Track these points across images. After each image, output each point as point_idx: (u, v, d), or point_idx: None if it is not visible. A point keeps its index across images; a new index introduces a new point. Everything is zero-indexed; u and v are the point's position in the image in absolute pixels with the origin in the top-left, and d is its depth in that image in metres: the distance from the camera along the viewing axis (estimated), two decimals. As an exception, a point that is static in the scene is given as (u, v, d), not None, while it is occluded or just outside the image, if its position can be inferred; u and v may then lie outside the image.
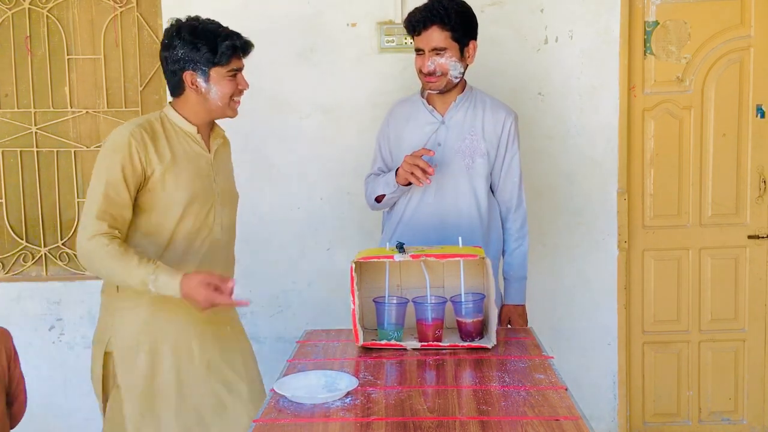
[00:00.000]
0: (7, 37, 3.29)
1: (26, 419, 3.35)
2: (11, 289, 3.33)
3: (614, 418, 3.32)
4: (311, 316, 3.25)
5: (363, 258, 2.11)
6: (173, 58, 2.05)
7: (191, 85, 2.07)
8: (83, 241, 1.99)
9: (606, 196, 3.23)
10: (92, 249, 1.98)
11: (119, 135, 2.02)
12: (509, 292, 2.55)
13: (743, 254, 3.31)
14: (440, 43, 2.35)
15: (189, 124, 2.13)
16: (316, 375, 1.86)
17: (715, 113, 3.24)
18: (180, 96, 2.12)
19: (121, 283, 2.02)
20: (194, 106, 2.11)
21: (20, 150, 3.34)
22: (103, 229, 1.98)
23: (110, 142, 2.03)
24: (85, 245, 1.99)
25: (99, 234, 1.97)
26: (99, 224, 1.98)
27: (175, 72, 2.07)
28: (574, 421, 1.56)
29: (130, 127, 2.04)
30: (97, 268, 2.01)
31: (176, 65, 2.06)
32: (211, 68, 2.06)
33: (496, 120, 2.46)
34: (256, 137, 3.21)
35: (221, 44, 2.04)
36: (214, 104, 2.11)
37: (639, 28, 3.19)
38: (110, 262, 1.97)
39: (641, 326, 3.34)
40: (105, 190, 1.99)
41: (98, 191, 2.00)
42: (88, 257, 2.00)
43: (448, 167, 2.44)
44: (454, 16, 2.33)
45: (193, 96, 2.09)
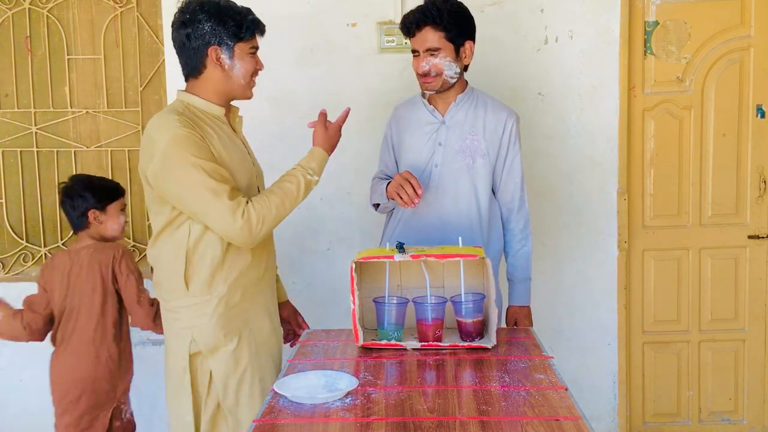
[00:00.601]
0: (7, 37, 3.29)
1: (26, 419, 3.36)
2: (11, 289, 3.32)
3: (614, 418, 3.32)
4: (311, 316, 3.25)
5: (363, 258, 2.11)
6: (197, 33, 1.98)
7: (215, 62, 2.01)
8: (237, 227, 1.93)
9: (606, 196, 3.23)
10: (253, 223, 1.94)
11: (172, 129, 1.93)
12: (514, 294, 2.55)
13: (743, 254, 3.31)
14: (434, 44, 2.36)
15: (216, 106, 2.06)
16: (316, 375, 1.86)
17: (715, 113, 3.24)
18: (199, 76, 2.04)
19: (296, 205, 2.07)
20: (216, 85, 2.05)
21: (20, 150, 3.34)
22: (236, 202, 1.93)
23: (167, 139, 1.92)
24: (244, 228, 1.94)
25: (239, 208, 1.93)
26: (233, 203, 1.93)
27: (199, 48, 2.00)
28: (574, 421, 1.56)
29: (170, 119, 1.95)
30: (271, 226, 2.00)
31: (200, 40, 1.99)
32: (236, 44, 2.02)
33: (498, 120, 2.46)
34: (256, 137, 3.20)
35: (246, 18, 2.03)
36: (237, 82, 2.05)
37: (639, 28, 3.19)
38: (278, 210, 1.99)
39: (641, 326, 3.35)
40: (207, 172, 1.91)
41: (201, 179, 1.91)
42: (256, 231, 1.96)
43: (448, 167, 2.45)
44: (447, 17, 2.34)
45: (216, 74, 2.03)
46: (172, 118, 1.95)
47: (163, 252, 2.05)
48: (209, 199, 1.92)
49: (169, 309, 2.09)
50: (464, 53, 2.41)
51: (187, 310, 2.05)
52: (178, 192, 1.94)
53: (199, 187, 1.91)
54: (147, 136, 1.98)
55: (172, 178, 1.94)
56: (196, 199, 1.93)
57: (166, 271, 2.06)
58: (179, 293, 2.04)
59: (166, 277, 2.06)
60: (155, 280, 2.12)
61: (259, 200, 1.98)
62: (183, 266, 2.02)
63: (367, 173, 3.21)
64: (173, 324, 2.08)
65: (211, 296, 2.04)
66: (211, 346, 2.05)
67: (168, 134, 1.92)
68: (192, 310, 2.04)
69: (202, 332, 2.04)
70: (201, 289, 2.03)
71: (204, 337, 2.04)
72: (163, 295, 2.09)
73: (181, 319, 2.06)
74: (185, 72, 2.07)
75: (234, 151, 2.06)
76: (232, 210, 1.92)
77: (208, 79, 2.04)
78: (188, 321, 2.05)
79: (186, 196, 1.94)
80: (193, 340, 2.04)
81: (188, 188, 1.93)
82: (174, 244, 2.02)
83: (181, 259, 2.01)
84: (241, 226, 1.92)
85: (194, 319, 2.04)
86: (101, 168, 3.35)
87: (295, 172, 2.08)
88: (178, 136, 1.92)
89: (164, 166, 1.93)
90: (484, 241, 2.48)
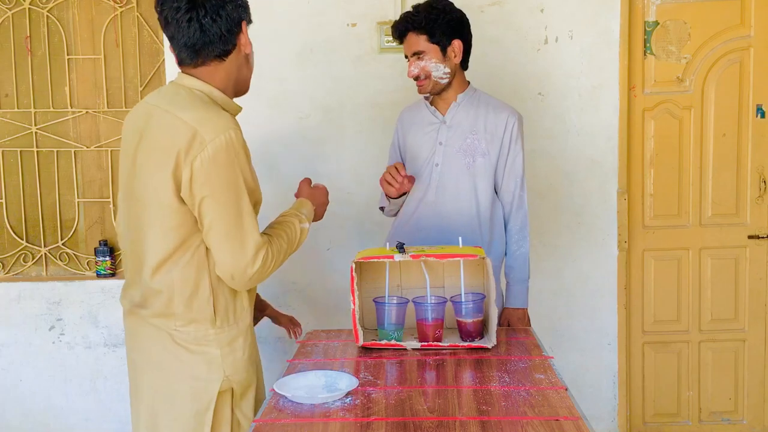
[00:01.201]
0: (7, 37, 3.29)
1: (26, 419, 3.37)
2: (11, 289, 3.33)
3: (614, 418, 3.32)
4: (311, 316, 3.26)
5: (363, 258, 2.11)
6: (232, 6, 1.71)
7: (246, 40, 1.75)
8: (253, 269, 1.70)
9: (606, 196, 3.23)
10: (266, 268, 1.74)
11: (228, 132, 1.66)
12: (508, 295, 2.54)
13: (743, 254, 3.31)
14: (418, 47, 2.39)
15: (234, 103, 1.81)
16: (316, 375, 1.86)
17: (715, 113, 3.24)
18: (225, 58, 1.74)
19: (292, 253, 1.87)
20: (236, 70, 1.78)
21: (20, 150, 3.34)
22: (263, 240, 1.73)
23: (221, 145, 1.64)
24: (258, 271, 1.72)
25: (262, 248, 1.72)
26: (260, 239, 1.71)
27: (234, 23, 1.71)
28: (574, 421, 1.56)
29: (222, 115, 1.69)
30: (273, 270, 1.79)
31: (236, 13, 1.72)
32: (249, 23, 1.80)
33: (499, 120, 2.46)
34: (256, 137, 3.20)
35: None
36: (251, 67, 1.84)
37: (639, 28, 3.19)
38: (282, 257, 1.80)
39: (641, 326, 3.35)
40: (249, 193, 1.71)
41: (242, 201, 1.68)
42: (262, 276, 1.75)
43: (448, 166, 2.45)
44: (425, 21, 2.36)
45: (240, 57, 1.78)
46: (224, 114, 1.69)
47: (177, 277, 1.73)
48: (240, 227, 1.68)
49: (186, 342, 1.77)
50: (452, 53, 2.41)
51: (215, 343, 1.78)
52: (211, 207, 1.66)
53: (235, 209, 1.67)
54: (188, 130, 1.65)
55: (210, 189, 1.65)
56: (227, 223, 1.66)
57: (183, 300, 1.75)
58: (205, 324, 1.77)
59: (183, 306, 1.75)
60: (156, 308, 1.78)
61: (275, 243, 1.77)
62: (209, 293, 1.75)
63: (367, 173, 3.23)
64: (189, 357, 1.78)
65: (238, 326, 1.83)
66: (245, 384, 1.86)
67: (224, 136, 1.64)
68: (221, 343, 1.79)
69: (237, 368, 1.82)
70: (228, 318, 1.80)
71: (238, 374, 1.82)
72: (178, 326, 1.77)
73: (207, 353, 1.78)
74: (205, 54, 1.72)
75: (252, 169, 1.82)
76: (257, 248, 1.69)
77: (232, 62, 1.76)
78: (218, 356, 1.78)
79: (217, 214, 1.66)
80: (226, 377, 1.79)
81: (225, 206, 1.66)
82: (194, 267, 1.73)
83: (206, 284, 1.74)
84: (257, 269, 1.70)
85: (226, 353, 1.79)
86: (101, 168, 3.35)
87: (291, 219, 1.88)
88: (233, 140, 1.65)
89: (208, 173, 1.63)
90: (485, 240, 2.48)
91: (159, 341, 1.79)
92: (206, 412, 1.79)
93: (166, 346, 1.78)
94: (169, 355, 1.79)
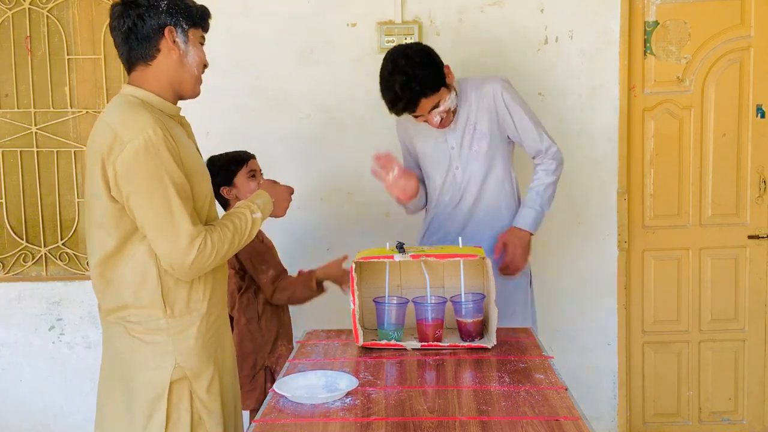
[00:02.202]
0: (7, 37, 3.29)
1: (26, 419, 3.37)
2: (11, 289, 3.33)
3: (614, 418, 3.32)
4: (311, 316, 3.25)
5: (363, 258, 2.11)
6: (153, 12, 1.81)
7: (171, 44, 1.82)
8: (189, 258, 1.75)
9: (606, 196, 3.23)
10: (206, 256, 1.77)
11: (146, 131, 1.72)
12: (518, 215, 2.56)
13: (743, 254, 3.31)
14: (432, 103, 2.44)
15: (171, 104, 1.88)
16: (316, 375, 1.86)
17: (715, 113, 3.24)
18: (150, 62, 1.83)
19: (241, 246, 1.90)
20: (169, 75, 1.85)
21: (20, 150, 3.34)
22: (197, 230, 1.76)
23: (140, 144, 1.71)
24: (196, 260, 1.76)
25: (197, 237, 1.76)
26: (194, 229, 1.75)
27: (153, 29, 1.81)
28: (574, 421, 1.56)
29: (142, 116, 1.75)
30: (218, 262, 1.83)
31: (156, 20, 1.81)
32: (190, 29, 1.86)
33: (484, 95, 2.54)
34: (256, 137, 3.21)
35: (198, 5, 1.90)
36: (189, 72, 1.87)
37: (639, 28, 3.19)
38: (230, 246, 1.83)
39: (641, 326, 3.34)
40: (176, 188, 1.74)
41: (168, 195, 1.73)
42: (204, 265, 1.79)
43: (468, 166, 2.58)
44: (428, 83, 2.38)
45: (169, 60, 1.84)
46: (144, 116, 1.75)
47: (125, 271, 1.81)
48: (170, 219, 1.74)
49: (139, 333, 1.83)
50: (449, 78, 2.49)
51: (166, 332, 1.82)
52: (138, 203, 1.74)
53: (163, 203, 1.73)
54: (110, 133, 1.74)
55: (134, 186, 1.73)
56: (156, 216, 1.74)
57: (132, 293, 1.81)
58: (155, 314, 1.82)
59: (133, 299, 1.81)
60: (110, 304, 1.85)
61: (216, 231, 1.82)
62: (157, 284, 1.80)
63: (367, 173, 3.21)
64: (142, 348, 1.83)
65: (191, 315, 1.85)
66: (197, 371, 1.85)
67: (143, 135, 1.72)
68: (172, 332, 1.83)
69: (188, 356, 1.84)
70: (180, 308, 1.84)
71: (189, 361, 1.84)
72: (130, 318, 1.83)
73: (158, 342, 1.82)
74: (132, 60, 1.85)
75: (196, 157, 1.88)
76: (191, 237, 1.74)
77: (159, 66, 1.84)
78: (169, 344, 1.82)
79: (145, 209, 1.74)
80: (177, 365, 1.82)
81: (151, 201, 1.73)
82: (140, 260, 1.79)
83: (153, 276, 1.80)
84: (194, 258, 1.75)
85: (177, 342, 1.83)
86: (101, 168, 3.35)
87: (242, 210, 1.92)
88: (152, 138, 1.72)
89: (128, 171, 1.72)
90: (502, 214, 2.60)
91: (116, 335, 1.86)
92: (160, 400, 1.82)
93: (123, 338, 1.85)
94: (125, 348, 1.85)
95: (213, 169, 2.50)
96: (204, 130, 3.22)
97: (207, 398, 1.87)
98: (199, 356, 1.86)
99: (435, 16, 3.16)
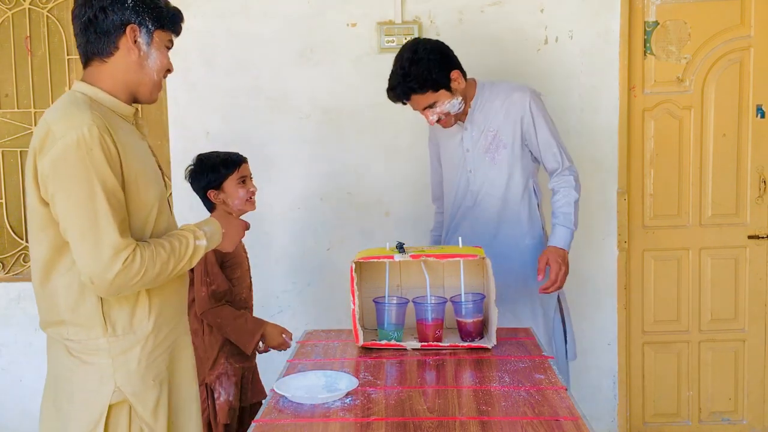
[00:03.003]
0: (7, 37, 3.29)
1: (26, 419, 3.37)
2: (11, 289, 3.33)
3: (614, 418, 3.32)
4: (311, 316, 3.26)
5: (363, 258, 2.11)
6: (117, 7, 1.70)
7: (132, 44, 1.71)
8: (111, 273, 1.58)
9: (606, 196, 3.23)
10: (131, 274, 1.60)
11: (81, 129, 1.59)
12: (552, 235, 2.56)
13: (743, 254, 3.31)
14: (427, 102, 2.46)
15: (124, 104, 1.75)
16: (316, 375, 1.86)
17: (715, 113, 3.24)
18: (106, 59, 1.72)
19: (177, 272, 1.72)
20: (125, 74, 1.73)
21: (20, 150, 3.34)
22: (126, 243, 1.60)
23: (71, 142, 1.58)
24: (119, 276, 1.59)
25: (123, 251, 1.59)
26: (121, 242, 1.59)
27: (114, 24, 1.70)
28: (574, 421, 1.56)
29: (80, 114, 1.62)
30: (144, 284, 1.65)
31: (118, 15, 1.69)
32: (156, 30, 1.75)
33: (512, 103, 2.54)
34: (256, 137, 3.21)
35: (170, 7, 1.80)
36: (148, 75, 1.76)
37: (639, 28, 3.19)
38: (161, 269, 1.66)
39: (641, 326, 3.34)
40: (106, 193, 1.59)
41: (95, 199, 1.58)
42: (128, 284, 1.62)
43: (478, 169, 2.58)
44: (423, 80, 2.40)
45: (128, 60, 1.72)
46: (83, 113, 1.62)
47: (60, 283, 1.67)
48: (95, 227, 1.58)
49: (79, 352, 1.68)
50: (455, 83, 2.47)
51: (106, 352, 1.68)
52: (62, 205, 1.60)
53: (88, 207, 1.58)
54: (45, 128, 1.63)
55: (60, 187, 1.60)
56: (79, 220, 1.58)
57: (69, 309, 1.67)
58: (95, 333, 1.67)
59: (70, 315, 1.67)
60: (48, 318, 1.71)
61: (149, 249, 1.64)
62: (96, 300, 1.66)
63: (367, 174, 3.23)
64: (81, 368, 1.68)
65: (135, 334, 1.70)
66: (139, 393, 1.70)
67: (74, 132, 1.58)
68: (114, 352, 1.68)
69: (130, 378, 1.69)
70: (123, 327, 1.69)
71: (131, 384, 1.69)
72: (69, 335, 1.68)
73: (97, 363, 1.68)
74: (88, 53, 1.73)
75: (147, 161, 1.74)
76: (117, 250, 1.58)
77: (116, 64, 1.72)
78: (109, 366, 1.68)
79: (69, 214, 1.59)
80: (117, 388, 1.67)
81: (75, 204, 1.58)
82: (76, 274, 1.65)
83: (91, 292, 1.65)
84: (116, 273, 1.58)
85: (118, 364, 1.68)
86: (101, 168, 3.35)
87: (184, 233, 1.75)
88: (85, 137, 1.58)
89: (56, 170, 1.59)
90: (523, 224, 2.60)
91: (57, 352, 1.73)
92: (97, 425, 1.67)
93: (62, 357, 1.72)
94: (64, 367, 1.72)
95: (201, 168, 2.43)
96: (204, 130, 3.23)
97: (152, 421, 1.71)
98: (142, 379, 1.70)
99: (435, 16, 3.16)
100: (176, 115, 3.24)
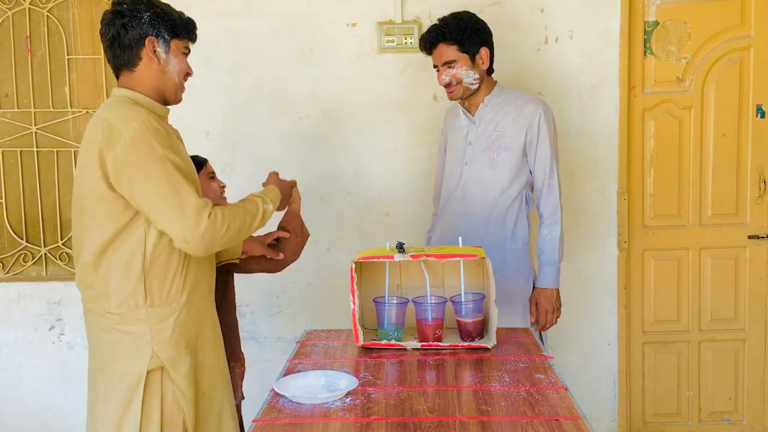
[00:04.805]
0: (7, 37, 3.29)
1: (26, 419, 3.37)
2: (11, 289, 3.33)
3: (614, 418, 3.32)
4: (311, 316, 3.25)
5: (363, 258, 2.11)
6: (135, 23, 1.92)
7: (152, 54, 1.93)
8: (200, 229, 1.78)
9: (606, 196, 3.23)
10: (217, 228, 1.80)
11: (140, 120, 1.82)
12: (539, 276, 2.66)
13: (743, 254, 3.31)
14: (449, 57, 2.55)
15: (160, 105, 1.98)
16: (316, 375, 1.86)
17: (715, 113, 3.24)
18: (133, 69, 1.94)
19: (253, 230, 1.96)
20: (151, 81, 1.95)
21: (20, 150, 3.34)
22: (204, 202, 1.81)
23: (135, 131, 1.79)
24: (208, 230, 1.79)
25: (205, 209, 1.80)
26: (201, 202, 1.80)
27: (135, 39, 1.92)
28: (574, 421, 1.56)
29: (135, 109, 1.86)
30: (230, 239, 1.86)
31: (138, 30, 1.92)
32: (172, 39, 1.96)
33: (524, 114, 2.59)
34: (256, 137, 3.21)
35: (183, 17, 2.00)
36: (171, 80, 1.97)
37: (639, 28, 3.19)
38: (241, 225, 1.88)
39: (641, 326, 3.34)
40: (177, 167, 1.80)
41: (170, 173, 1.79)
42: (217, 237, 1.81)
43: (475, 164, 2.61)
44: (456, 31, 2.53)
45: (151, 68, 1.94)
46: (137, 108, 1.87)
47: (113, 264, 1.86)
48: (176, 196, 1.78)
49: (119, 323, 1.88)
50: (480, 60, 2.58)
51: (145, 322, 1.87)
52: (142, 185, 1.79)
53: (166, 181, 1.79)
54: (105, 125, 1.82)
55: (137, 170, 1.79)
56: (161, 194, 1.78)
57: (117, 283, 1.87)
58: (136, 304, 1.87)
59: (117, 288, 1.87)
60: (95, 293, 1.91)
61: (225, 209, 1.87)
62: (140, 274, 1.85)
63: (367, 174, 3.23)
64: (121, 339, 1.88)
65: (170, 306, 1.90)
66: (173, 358, 1.89)
67: (136, 123, 1.81)
68: (151, 321, 1.88)
69: (165, 345, 1.88)
70: (161, 298, 1.88)
71: (166, 350, 1.88)
72: (111, 308, 1.88)
73: (136, 332, 1.87)
74: (117, 65, 1.97)
75: (186, 158, 1.93)
76: (198, 209, 1.79)
77: (142, 72, 1.95)
78: (147, 332, 1.87)
79: (150, 190, 1.79)
80: (154, 354, 1.86)
81: (154, 181, 1.78)
82: (127, 252, 1.85)
83: (138, 267, 1.85)
84: (205, 228, 1.78)
85: (155, 331, 1.88)
86: (101, 168, 3.35)
87: (253, 198, 2.01)
88: (147, 126, 1.81)
89: (129, 157, 1.79)
90: (509, 228, 2.62)
91: (98, 326, 1.92)
92: (137, 389, 1.85)
93: (104, 329, 1.91)
94: (106, 338, 1.91)
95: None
96: (204, 130, 3.22)
97: (185, 386, 1.89)
98: (176, 345, 1.89)
99: (435, 15, 3.13)
100: (176, 114, 3.23)
